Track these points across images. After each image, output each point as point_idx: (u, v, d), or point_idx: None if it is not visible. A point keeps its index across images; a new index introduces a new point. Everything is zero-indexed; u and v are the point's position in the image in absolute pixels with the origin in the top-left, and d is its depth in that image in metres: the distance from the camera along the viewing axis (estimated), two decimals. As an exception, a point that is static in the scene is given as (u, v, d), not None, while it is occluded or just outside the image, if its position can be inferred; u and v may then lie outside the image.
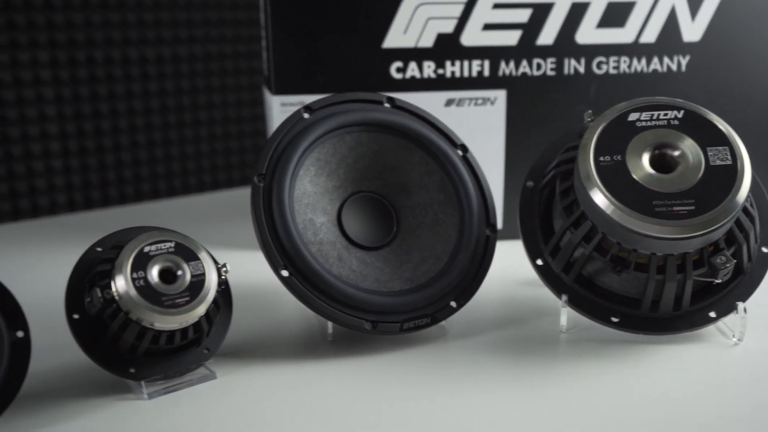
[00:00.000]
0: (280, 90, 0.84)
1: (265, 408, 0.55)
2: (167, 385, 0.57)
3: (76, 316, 0.55)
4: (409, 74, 0.85)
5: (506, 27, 0.85)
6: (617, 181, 0.60)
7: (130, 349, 0.55)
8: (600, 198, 0.60)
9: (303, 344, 0.66)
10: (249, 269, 0.78)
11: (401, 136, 0.69)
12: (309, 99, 0.84)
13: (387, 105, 0.70)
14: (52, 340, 0.57)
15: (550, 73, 0.86)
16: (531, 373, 0.60)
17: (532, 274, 0.78)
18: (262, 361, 0.62)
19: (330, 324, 0.64)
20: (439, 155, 0.69)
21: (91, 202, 1.33)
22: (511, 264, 0.78)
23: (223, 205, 1.16)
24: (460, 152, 0.70)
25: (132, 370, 0.56)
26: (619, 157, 0.61)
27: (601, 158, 0.61)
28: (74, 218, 1.11)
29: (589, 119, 0.66)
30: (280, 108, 0.84)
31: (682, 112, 0.63)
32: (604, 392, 0.57)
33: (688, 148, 0.61)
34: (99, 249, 0.58)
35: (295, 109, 0.84)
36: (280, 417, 0.53)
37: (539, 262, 0.67)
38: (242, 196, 1.24)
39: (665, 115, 0.63)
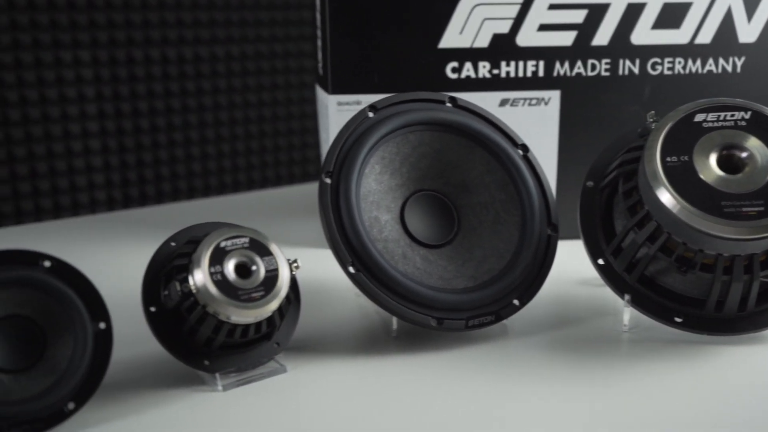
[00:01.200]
0: (337, 89, 0.85)
1: (334, 402, 0.56)
2: (240, 377, 0.58)
3: (152, 309, 0.57)
4: (464, 74, 0.85)
5: (562, 27, 0.85)
6: (684, 181, 0.60)
7: (206, 342, 0.57)
8: (667, 198, 0.60)
9: (367, 340, 0.66)
10: (304, 266, 0.78)
11: (463, 136, 0.70)
12: (364, 98, 0.85)
13: (449, 104, 0.71)
14: (127, 331, 0.58)
15: (604, 73, 0.87)
16: (593, 371, 0.60)
17: (587, 273, 0.79)
18: (329, 356, 0.63)
19: (395, 320, 0.65)
20: (500, 154, 0.69)
21: (148, 198, 1.35)
22: (564, 263, 0.78)
23: (272, 203, 1.17)
24: (520, 152, 0.71)
25: (206, 363, 0.57)
26: (686, 158, 0.61)
27: (668, 158, 0.61)
28: (137, 213, 1.13)
29: (651, 120, 0.66)
30: (336, 107, 0.85)
31: (749, 113, 0.63)
32: (667, 392, 0.57)
33: (756, 149, 0.62)
34: (173, 244, 0.60)
35: (351, 108, 0.85)
36: (348, 411, 0.54)
37: (600, 261, 0.67)
38: (291, 193, 1.25)
39: (732, 116, 0.63)
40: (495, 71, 0.86)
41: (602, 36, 0.86)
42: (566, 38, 0.85)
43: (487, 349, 0.64)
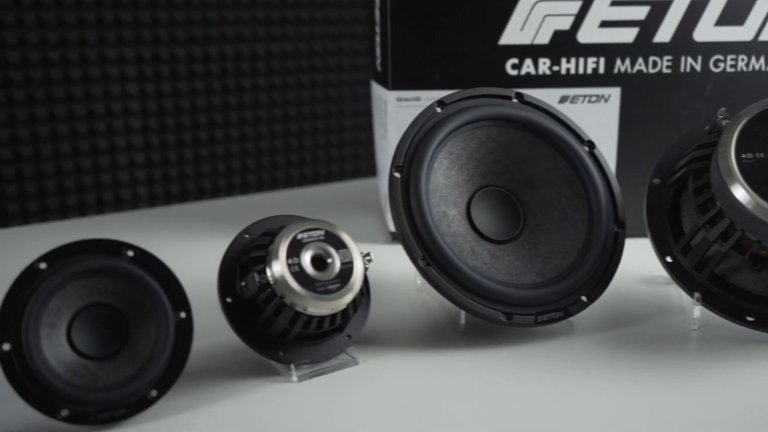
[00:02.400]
0: (397, 85, 0.85)
1: (406, 395, 0.56)
2: (313, 369, 0.58)
3: (229, 300, 0.57)
4: (524, 71, 0.85)
5: (623, 24, 0.84)
6: (760, 178, 0.60)
7: (281, 334, 0.57)
8: (742, 194, 0.60)
9: (432, 334, 0.67)
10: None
11: (529, 132, 0.70)
12: (424, 94, 0.85)
13: (515, 100, 0.71)
14: (199, 322, 0.59)
15: (665, 71, 0.86)
16: (662, 370, 0.59)
17: (649, 271, 0.78)
18: (397, 350, 0.63)
19: (463, 315, 0.65)
20: (567, 151, 0.69)
21: (204, 193, 1.37)
22: (625, 261, 0.78)
23: (324, 199, 1.18)
24: (587, 148, 0.70)
25: (281, 354, 0.58)
26: (762, 155, 0.61)
27: (743, 155, 0.61)
28: (189, 207, 1.15)
29: (722, 117, 0.66)
30: (395, 103, 0.86)
31: (826, 110, 0.62)
32: (739, 392, 0.56)
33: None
34: (247, 236, 0.60)
35: (410, 104, 0.85)
36: (419, 404, 0.55)
37: (669, 259, 0.67)
38: (342, 189, 1.26)
39: (808, 113, 0.62)
40: (555, 68, 0.85)
41: (664, 33, 0.85)
42: (628, 35, 0.85)
43: (553, 346, 0.64)
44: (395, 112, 0.86)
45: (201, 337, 0.59)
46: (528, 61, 0.85)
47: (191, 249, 0.88)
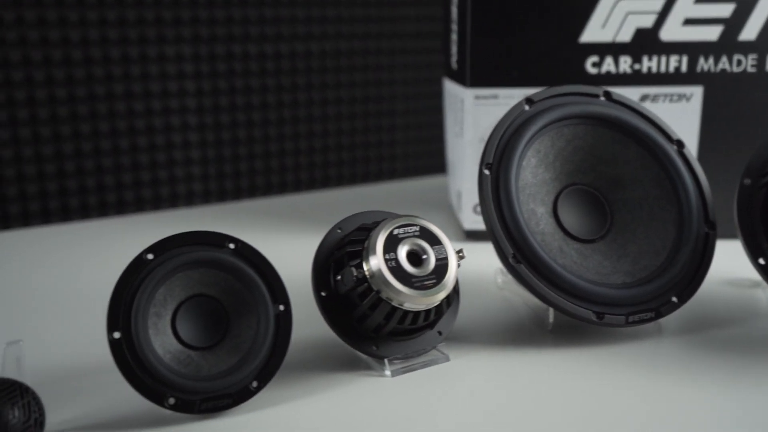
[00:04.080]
0: (475, 83, 0.85)
1: (496, 392, 0.56)
2: (405, 364, 0.59)
3: (323, 294, 0.58)
4: (604, 69, 0.84)
5: (707, 22, 0.83)
6: None
7: (375, 328, 0.57)
8: None
9: (518, 333, 0.66)
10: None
11: (617, 130, 0.69)
12: (502, 92, 0.85)
13: (603, 98, 0.70)
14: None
15: (750, 69, 0.84)
16: (751, 374, 0.58)
17: (735, 273, 0.77)
18: (485, 347, 0.63)
19: (551, 313, 0.65)
20: (656, 150, 0.68)
21: (257, 190, 1.39)
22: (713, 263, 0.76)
23: (392, 195, 1.19)
24: (676, 147, 0.69)
25: (375, 348, 0.58)
26: None
27: None
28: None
29: None
30: (473, 101, 0.86)
31: None
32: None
33: None
34: (339, 231, 0.61)
35: (488, 102, 0.85)
36: (511, 402, 0.54)
37: (762, 261, 0.65)
38: (411, 187, 1.26)
39: None
40: (636, 66, 0.84)
41: (750, 31, 0.83)
42: (712, 33, 0.83)
43: (641, 347, 0.63)
44: (472, 109, 0.86)
45: (294, 330, 0.60)
46: (609, 59, 0.84)
47: (271, 244, 0.89)
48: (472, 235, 0.90)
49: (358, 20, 1.44)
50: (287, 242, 0.90)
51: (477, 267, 0.80)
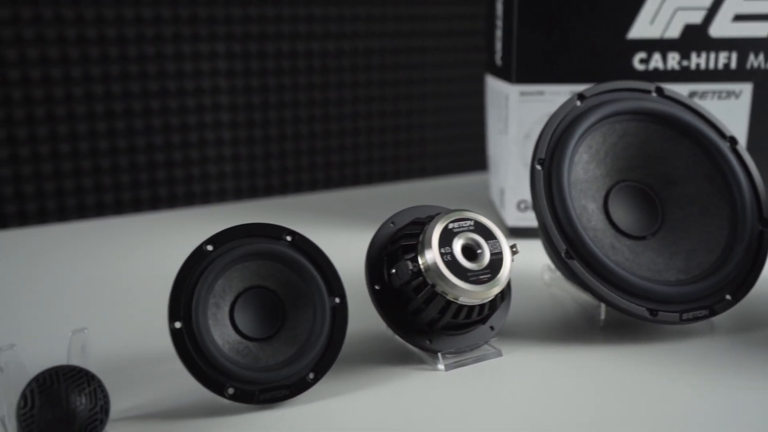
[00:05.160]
0: (521, 79, 0.85)
1: (550, 388, 0.55)
2: (458, 359, 0.59)
3: (377, 287, 0.58)
4: (652, 65, 0.84)
5: (758, 18, 0.82)
6: None
7: (429, 322, 0.58)
8: None
9: (568, 329, 0.66)
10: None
11: (669, 127, 0.68)
12: (547, 88, 0.85)
13: (654, 94, 0.70)
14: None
15: (801, 66, 0.83)
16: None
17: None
18: (536, 343, 0.63)
19: (603, 310, 0.65)
20: (708, 146, 0.68)
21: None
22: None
23: (434, 192, 1.19)
24: (729, 144, 0.69)
25: (428, 342, 0.58)
26: None
27: None
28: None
29: None
30: (518, 97, 0.85)
31: None
32: None
33: None
34: (392, 224, 0.61)
35: (533, 98, 0.85)
36: (564, 398, 0.54)
37: (817, 259, 0.64)
38: (457, 183, 1.26)
39: None
40: (684, 62, 0.84)
41: (801, 27, 0.82)
42: (762, 29, 0.82)
43: (694, 345, 0.63)
44: (517, 106, 0.85)
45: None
46: (656, 56, 0.83)
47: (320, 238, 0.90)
48: (516, 232, 0.90)
49: (389, 19, 1.44)
50: (328, 237, 0.91)
51: (522, 264, 0.79)
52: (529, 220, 0.89)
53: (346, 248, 0.71)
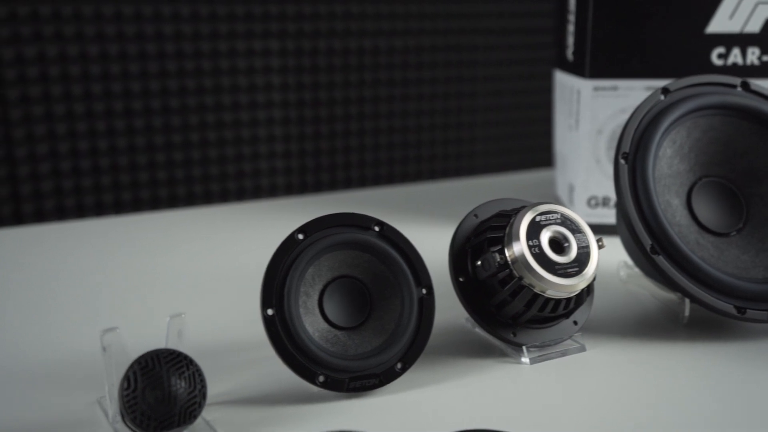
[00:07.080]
0: (595, 74, 0.84)
1: (634, 384, 0.55)
2: (543, 353, 0.58)
3: (461, 279, 0.58)
4: (730, 60, 0.82)
5: (843, 12, 0.80)
6: None
7: (514, 315, 0.57)
8: None
9: (649, 325, 0.65)
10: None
11: (755, 122, 0.67)
12: (621, 83, 0.84)
13: (740, 89, 0.68)
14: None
15: None
16: None
17: None
18: (618, 339, 0.62)
19: (687, 307, 0.64)
20: (796, 142, 0.66)
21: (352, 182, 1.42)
22: None
23: (506, 188, 1.18)
24: (816, 140, 0.67)
25: (513, 335, 0.58)
26: None
27: None
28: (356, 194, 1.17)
29: None
30: (591, 92, 0.84)
31: None
32: None
33: None
34: (475, 216, 0.61)
35: (607, 93, 0.84)
36: (649, 394, 0.54)
37: None
38: (519, 180, 1.25)
39: None
40: (765, 58, 0.82)
41: None
42: None
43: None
44: (590, 101, 0.85)
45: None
46: (735, 51, 0.82)
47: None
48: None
49: (440, 16, 1.44)
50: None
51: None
52: (600, 216, 0.88)
53: (421, 242, 0.71)
